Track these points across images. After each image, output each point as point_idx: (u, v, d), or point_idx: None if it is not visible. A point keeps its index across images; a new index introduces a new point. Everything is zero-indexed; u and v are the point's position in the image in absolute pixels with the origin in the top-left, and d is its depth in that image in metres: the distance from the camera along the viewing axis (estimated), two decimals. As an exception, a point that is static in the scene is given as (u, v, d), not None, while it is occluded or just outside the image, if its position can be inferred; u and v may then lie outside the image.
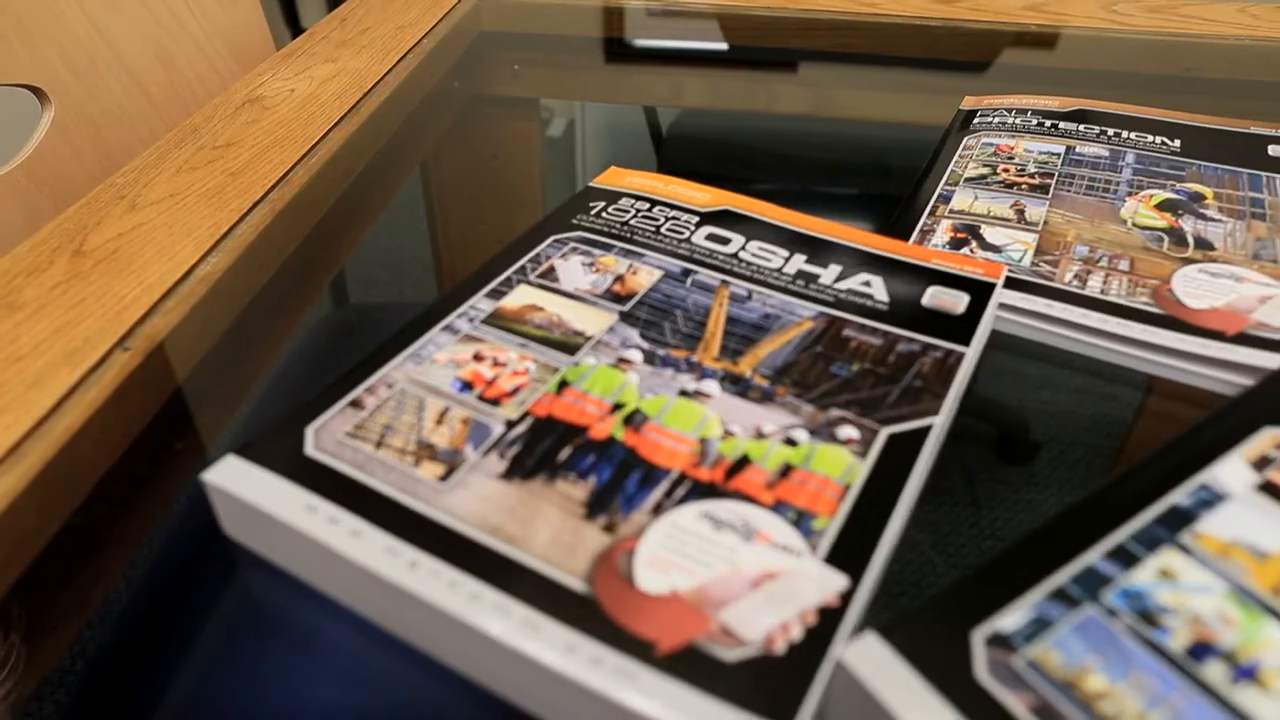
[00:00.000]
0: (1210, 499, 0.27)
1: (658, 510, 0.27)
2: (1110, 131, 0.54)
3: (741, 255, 0.40)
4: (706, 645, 0.23)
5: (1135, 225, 0.44)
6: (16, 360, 0.34)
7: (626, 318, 0.36)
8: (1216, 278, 0.40)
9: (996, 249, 0.42)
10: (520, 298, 0.37)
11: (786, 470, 0.29)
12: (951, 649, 0.23)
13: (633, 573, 0.25)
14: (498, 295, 0.37)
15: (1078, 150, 0.51)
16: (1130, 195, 0.47)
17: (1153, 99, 0.58)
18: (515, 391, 0.32)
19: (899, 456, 0.29)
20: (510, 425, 0.30)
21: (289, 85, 0.60)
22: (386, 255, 0.51)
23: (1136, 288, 0.40)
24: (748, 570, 0.25)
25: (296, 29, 1.97)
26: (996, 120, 0.56)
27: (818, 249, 0.41)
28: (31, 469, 0.30)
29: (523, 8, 0.81)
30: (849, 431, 0.30)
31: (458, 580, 0.25)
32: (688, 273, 0.39)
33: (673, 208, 0.44)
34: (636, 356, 0.34)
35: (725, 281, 0.38)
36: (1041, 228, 0.44)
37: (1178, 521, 0.26)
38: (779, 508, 0.27)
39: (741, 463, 0.29)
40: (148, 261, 0.41)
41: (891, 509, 0.28)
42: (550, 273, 0.39)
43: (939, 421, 0.31)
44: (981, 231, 0.44)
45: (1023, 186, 0.48)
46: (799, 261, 0.40)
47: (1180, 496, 0.27)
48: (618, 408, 0.31)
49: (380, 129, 0.58)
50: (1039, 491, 0.33)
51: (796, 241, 0.41)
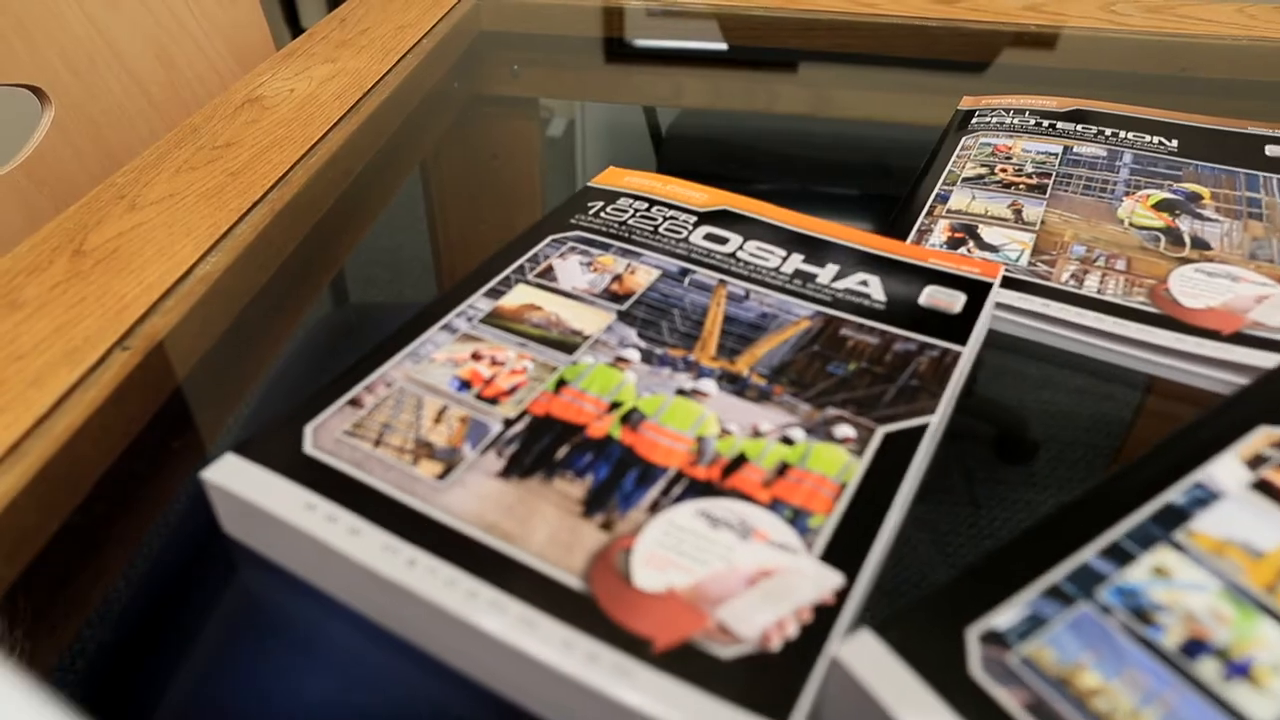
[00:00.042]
0: (1205, 497, 0.27)
1: (655, 508, 0.27)
2: (1108, 131, 0.54)
3: (739, 255, 0.40)
4: (703, 642, 0.24)
5: (1132, 225, 0.44)
6: (17, 359, 0.34)
7: (624, 317, 0.36)
8: (1213, 277, 0.40)
9: (994, 249, 0.43)
10: (518, 297, 0.37)
11: (783, 469, 0.29)
12: (946, 646, 0.23)
13: (630, 570, 0.25)
14: (496, 295, 0.37)
15: (1075, 150, 0.52)
16: (1127, 195, 0.47)
17: (1151, 99, 0.58)
18: (513, 390, 0.32)
19: (895, 455, 0.30)
20: (508, 424, 0.30)
21: (289, 85, 0.60)
22: (386, 255, 0.52)
23: (1133, 287, 0.40)
24: (744, 568, 0.26)
25: (297, 29, 1.97)
26: (994, 120, 0.56)
27: (815, 248, 0.41)
28: (31, 467, 0.30)
29: (522, 8, 0.81)
30: (845, 430, 0.30)
31: (455, 578, 0.25)
32: (685, 272, 0.39)
33: (671, 207, 0.44)
34: (634, 355, 0.34)
35: (723, 281, 0.38)
36: (1039, 227, 0.44)
37: (1172, 520, 0.26)
38: (775, 506, 0.28)
39: (738, 461, 0.29)
40: (147, 261, 0.41)
41: (887, 507, 0.28)
42: (548, 272, 0.39)
43: (935, 420, 0.31)
44: (979, 231, 0.44)
45: (1020, 186, 0.48)
46: (796, 261, 0.40)
47: (1175, 495, 0.27)
48: (615, 406, 0.31)
49: (380, 129, 0.58)
50: (1038, 491, 0.33)
51: (794, 241, 0.41)
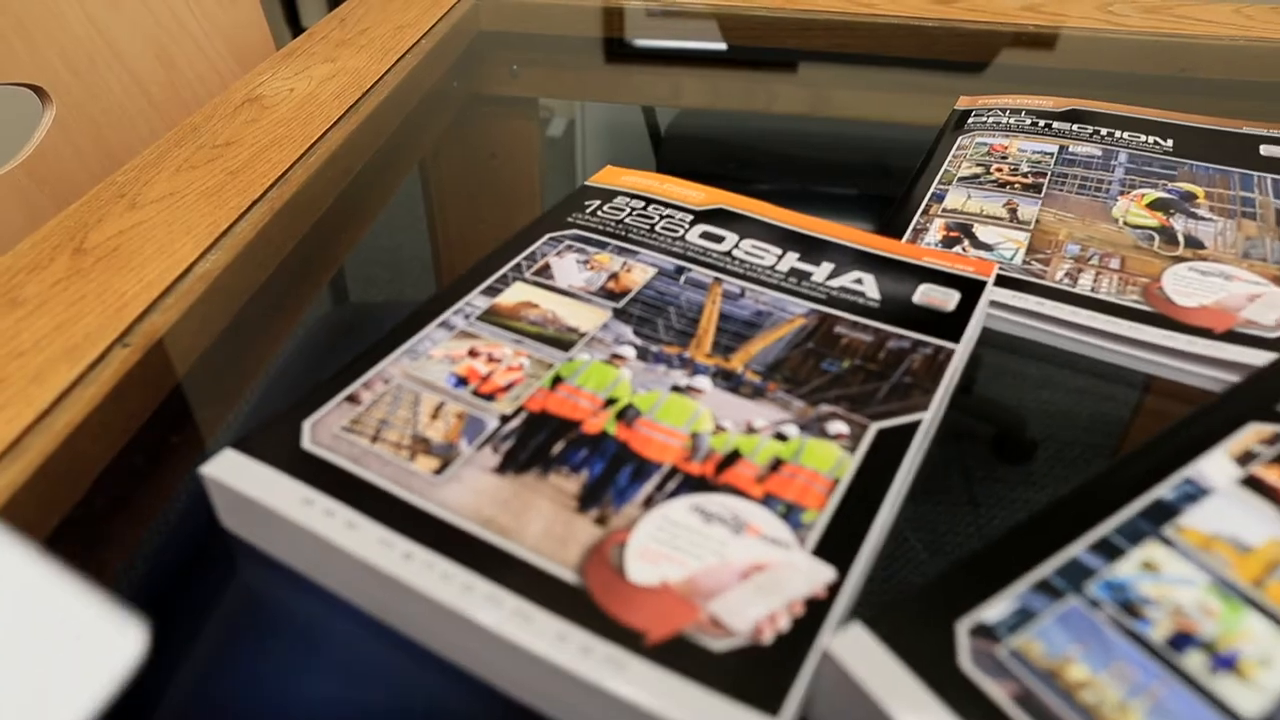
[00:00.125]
0: (1194, 493, 0.27)
1: (649, 503, 0.28)
2: (1103, 131, 0.54)
3: (735, 253, 0.40)
4: (695, 635, 0.24)
5: (1127, 224, 0.45)
6: (17, 356, 0.35)
7: (620, 314, 0.36)
8: (1206, 276, 0.40)
9: (988, 247, 0.43)
10: (515, 295, 0.37)
11: (776, 464, 0.29)
12: (936, 639, 0.23)
13: (624, 564, 0.26)
14: (493, 292, 0.37)
15: (1071, 150, 0.52)
16: (1122, 194, 0.47)
17: (1148, 99, 0.58)
18: (509, 387, 0.32)
19: (888, 451, 0.30)
20: (504, 420, 0.31)
21: (288, 85, 0.60)
22: (386, 254, 0.52)
23: (1127, 286, 0.40)
24: (737, 562, 0.26)
25: (297, 29, 1.97)
26: (990, 120, 0.56)
27: (810, 247, 0.41)
28: (32, 463, 0.31)
29: (522, 7, 0.81)
30: (839, 426, 0.31)
31: (451, 571, 0.25)
32: (681, 270, 0.39)
33: (667, 206, 0.44)
34: (629, 353, 0.34)
35: (718, 279, 0.39)
36: (1033, 226, 0.44)
37: (1161, 515, 0.27)
38: (769, 501, 0.28)
39: (732, 457, 0.29)
40: (147, 259, 0.41)
41: (880, 503, 0.28)
42: (545, 270, 0.39)
43: (928, 417, 0.31)
44: (974, 230, 0.44)
45: (1015, 186, 0.48)
46: (792, 259, 0.40)
47: (1164, 491, 0.27)
48: (610, 403, 0.32)
49: (379, 128, 0.58)
50: (1036, 490, 0.34)
51: (789, 239, 0.41)
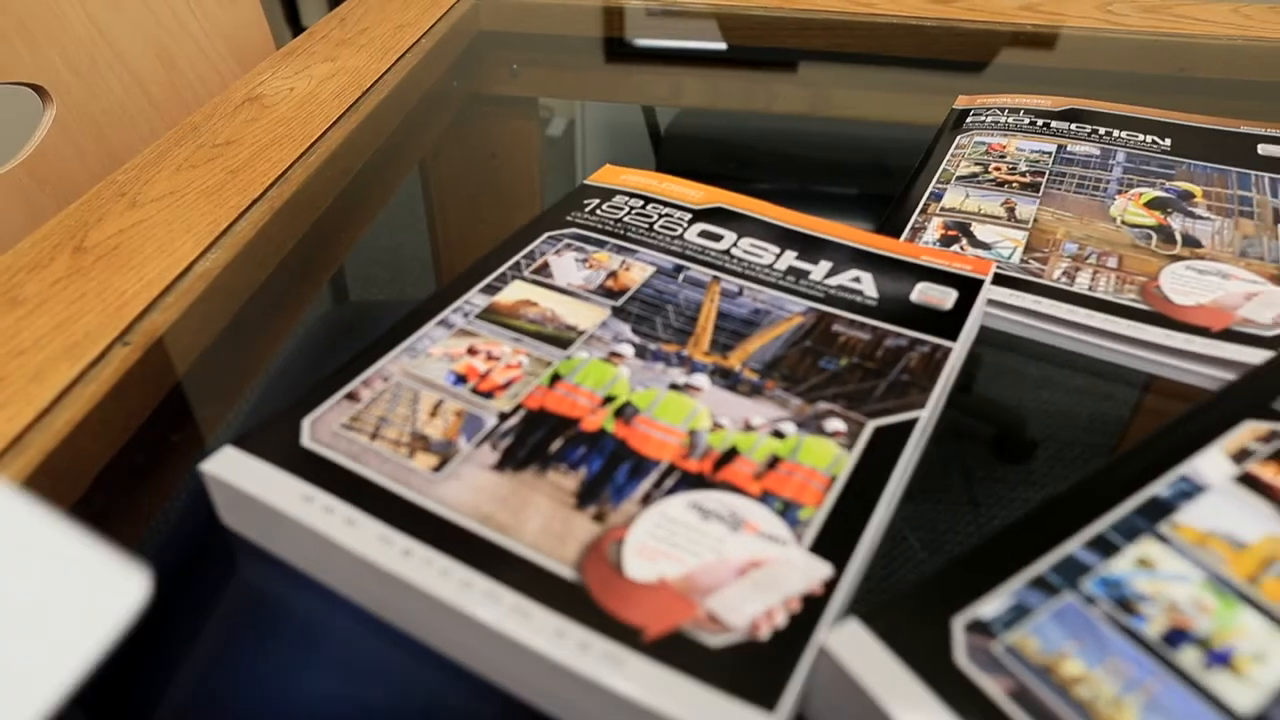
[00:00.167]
0: (1190, 490, 0.28)
1: (647, 500, 0.28)
2: (1101, 130, 0.54)
3: (733, 252, 0.40)
4: (693, 631, 0.24)
5: (1124, 223, 0.45)
6: (18, 354, 0.35)
7: (619, 313, 0.36)
8: (1203, 275, 0.40)
9: (986, 246, 0.43)
10: (514, 293, 0.37)
11: (774, 462, 0.29)
12: (932, 635, 0.23)
13: (621, 561, 0.26)
14: (492, 291, 0.37)
15: (1069, 149, 0.52)
16: (1120, 193, 0.47)
17: (1147, 99, 0.58)
18: (508, 385, 0.32)
19: (885, 449, 0.30)
20: (503, 417, 0.31)
21: (288, 84, 0.60)
22: (386, 254, 0.52)
23: (1124, 284, 0.40)
24: (734, 559, 0.26)
25: (297, 28, 1.97)
26: (989, 119, 0.56)
27: (809, 246, 0.41)
28: (32, 461, 0.31)
29: (521, 7, 0.82)
30: (836, 424, 0.31)
31: (449, 568, 0.25)
32: (680, 269, 0.39)
33: (666, 205, 0.44)
34: (628, 351, 0.34)
35: (717, 277, 0.39)
36: (1031, 225, 0.44)
37: (1157, 512, 0.27)
38: (766, 498, 0.28)
39: (730, 454, 0.29)
40: (148, 258, 0.41)
41: (876, 500, 0.28)
42: (544, 269, 0.39)
43: (925, 415, 0.31)
44: (972, 229, 0.44)
45: (1014, 185, 0.48)
46: (790, 258, 0.40)
47: (1160, 488, 0.28)
48: (609, 400, 0.32)
49: (379, 128, 0.58)
50: (1036, 490, 0.34)
51: (788, 238, 0.42)
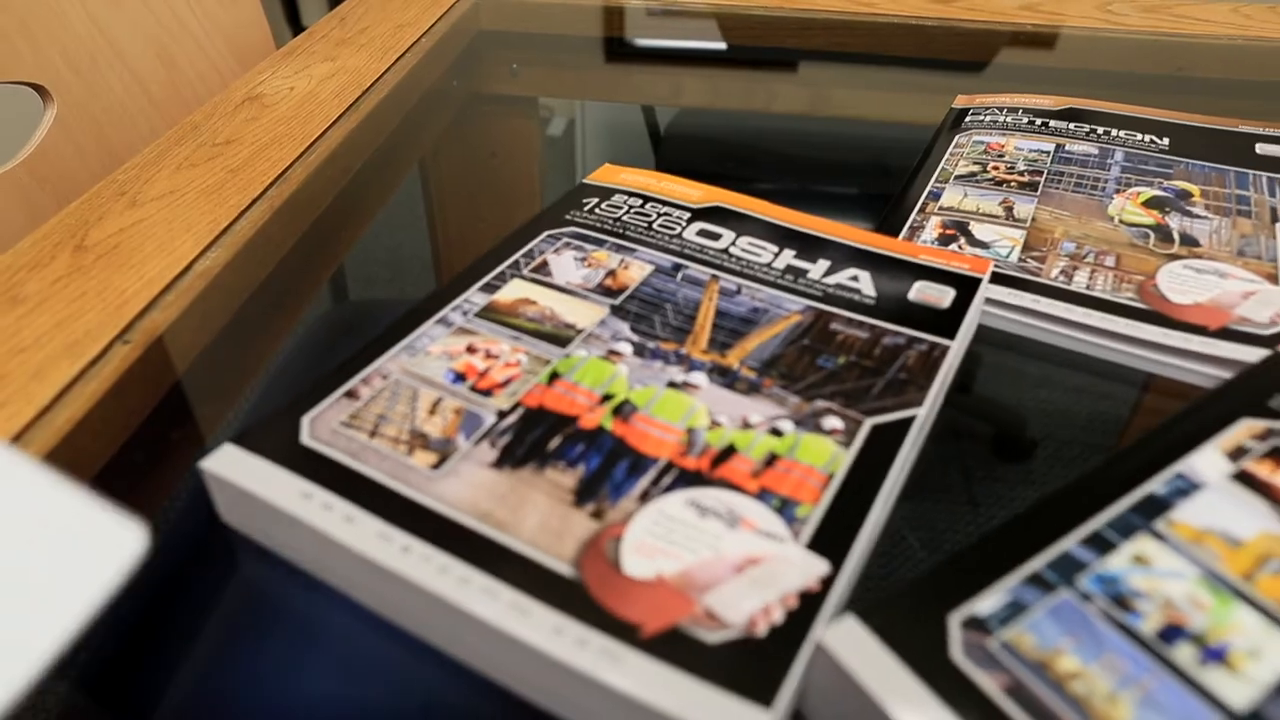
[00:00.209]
0: (1186, 488, 0.28)
1: (645, 498, 0.28)
2: (1100, 130, 0.54)
3: (732, 250, 0.41)
4: (690, 628, 0.24)
5: (1122, 222, 0.45)
6: (19, 352, 0.35)
7: (617, 311, 0.36)
8: (1201, 273, 0.41)
9: (984, 245, 0.43)
10: (513, 292, 0.37)
11: (771, 459, 0.29)
12: (928, 631, 0.23)
13: (619, 558, 0.26)
14: (491, 289, 0.37)
15: (1067, 148, 0.52)
16: (1118, 192, 0.47)
17: (1146, 98, 0.59)
18: (507, 383, 0.32)
19: (882, 447, 0.30)
20: (502, 415, 0.31)
21: (288, 83, 0.60)
22: (386, 253, 0.52)
23: (1122, 283, 0.40)
24: (732, 556, 0.26)
25: (297, 28, 1.97)
26: (988, 119, 0.56)
27: (807, 244, 0.41)
28: (33, 459, 0.31)
29: (521, 7, 0.82)
30: (833, 422, 0.31)
31: (448, 565, 0.26)
32: (678, 267, 0.39)
33: (665, 204, 0.44)
34: (626, 349, 0.34)
35: (715, 276, 0.39)
36: (1029, 224, 0.45)
37: (1153, 509, 0.27)
38: (763, 495, 0.28)
39: (727, 452, 0.30)
40: (148, 256, 0.41)
41: (873, 497, 0.28)
42: (543, 267, 0.39)
43: (922, 413, 0.32)
44: (970, 228, 0.44)
45: (1012, 184, 0.48)
46: (788, 257, 0.40)
47: (1156, 485, 0.28)
48: (607, 398, 0.32)
49: (379, 127, 0.58)
50: (1035, 489, 0.34)
51: (786, 237, 0.42)
